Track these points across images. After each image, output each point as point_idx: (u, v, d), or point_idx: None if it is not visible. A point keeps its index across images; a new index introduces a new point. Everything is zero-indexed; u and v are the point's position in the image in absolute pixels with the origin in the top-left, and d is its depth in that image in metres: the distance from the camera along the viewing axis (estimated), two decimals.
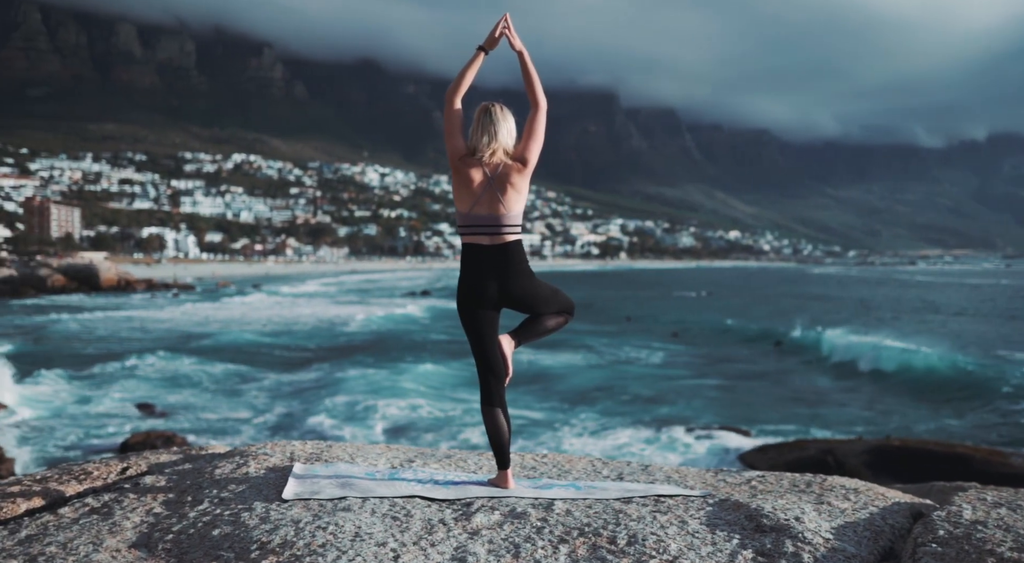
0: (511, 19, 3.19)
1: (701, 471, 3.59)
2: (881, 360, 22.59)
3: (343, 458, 3.57)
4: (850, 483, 3.36)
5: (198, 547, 2.54)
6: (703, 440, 14.40)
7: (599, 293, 70.28)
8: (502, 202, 3.10)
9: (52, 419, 15.74)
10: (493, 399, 3.15)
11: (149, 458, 3.80)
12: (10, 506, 3.02)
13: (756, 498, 3.01)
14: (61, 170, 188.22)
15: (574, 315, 3.33)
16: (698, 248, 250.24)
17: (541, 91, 3.21)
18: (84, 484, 3.33)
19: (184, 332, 31.66)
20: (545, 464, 3.68)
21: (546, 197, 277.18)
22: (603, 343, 29.56)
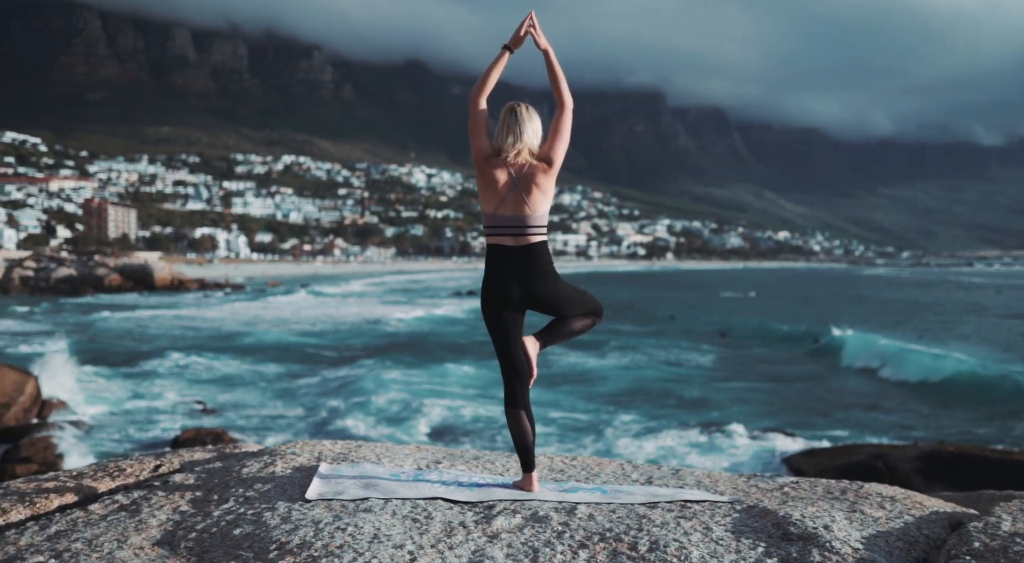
0: (536, 17, 3.16)
1: (734, 476, 3.53)
2: (928, 366, 21.99)
3: (370, 458, 3.57)
4: (887, 491, 3.27)
5: (219, 546, 2.56)
6: (749, 443, 14.16)
7: (644, 294, 69.82)
8: (527, 203, 3.07)
9: (107, 416, 16.14)
10: (517, 401, 3.13)
11: (183, 456, 3.83)
12: (43, 501, 3.07)
13: (786, 505, 2.95)
14: (118, 172, 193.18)
15: (602, 317, 3.29)
16: (746, 249, 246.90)
17: (567, 90, 3.17)
18: (117, 481, 3.38)
19: (233, 331, 32.24)
20: (574, 467, 3.64)
21: (592, 197, 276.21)
22: (648, 344, 29.35)
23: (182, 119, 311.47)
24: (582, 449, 13.82)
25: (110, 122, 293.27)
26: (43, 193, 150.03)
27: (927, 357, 22.83)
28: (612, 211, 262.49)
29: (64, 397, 16.76)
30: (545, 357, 24.99)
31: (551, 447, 13.95)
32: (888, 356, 23.74)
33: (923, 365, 22.04)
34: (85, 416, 15.91)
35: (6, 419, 14.47)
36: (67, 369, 20.58)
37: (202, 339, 29.14)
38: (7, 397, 14.97)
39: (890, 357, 23.62)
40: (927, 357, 22.83)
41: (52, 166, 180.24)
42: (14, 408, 14.79)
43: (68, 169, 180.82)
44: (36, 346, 26.67)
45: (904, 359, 22.85)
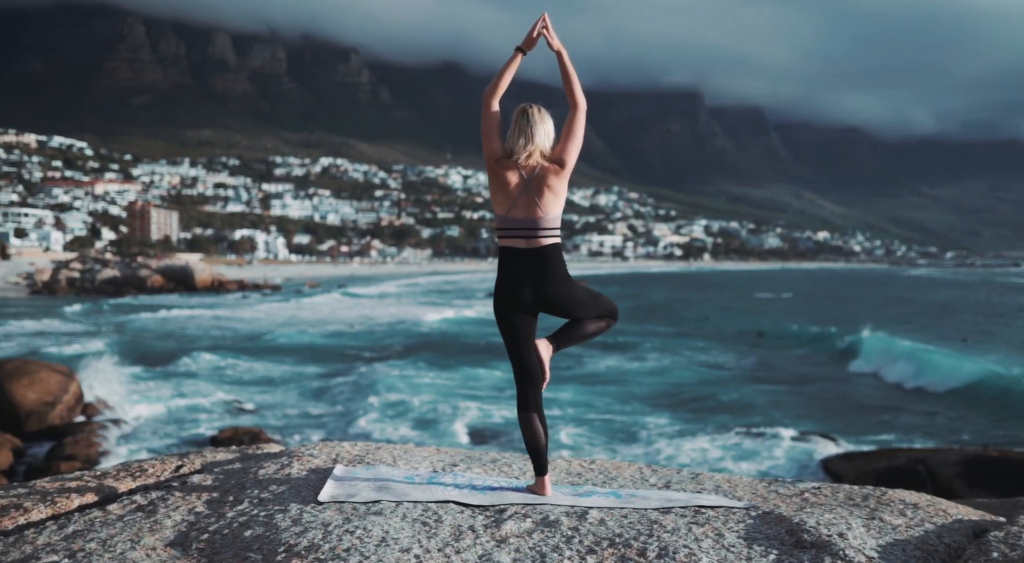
0: (549, 18, 3.15)
1: (754, 481, 3.49)
2: (967, 370, 21.50)
3: (386, 461, 3.58)
4: (911, 497, 3.21)
5: (230, 548, 2.57)
6: (786, 446, 13.95)
7: (680, 294, 69.34)
8: (539, 205, 3.05)
9: (148, 415, 16.45)
10: (529, 404, 3.11)
11: (206, 456, 3.86)
12: (64, 501, 3.11)
13: (803, 511, 2.90)
14: (161, 175, 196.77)
15: (617, 319, 3.26)
16: (785, 249, 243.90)
17: (580, 92, 3.15)
18: (138, 481, 3.42)
19: (270, 331, 32.66)
20: (592, 470, 3.62)
21: (628, 198, 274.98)
22: (684, 345, 29.18)
23: (222, 122, 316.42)
24: (613, 452, 13.78)
25: (153, 126, 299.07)
26: (89, 196, 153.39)
27: (965, 362, 22.37)
28: (648, 212, 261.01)
29: (106, 396, 17.08)
30: (581, 358, 24.96)
31: (581, 450, 13.93)
32: (924, 360, 23.30)
33: (961, 370, 21.59)
34: (127, 415, 16.23)
35: (51, 418, 14.79)
36: (110, 369, 21.03)
37: (240, 339, 29.58)
38: (52, 396, 15.30)
39: (926, 361, 23.19)
40: (965, 362, 22.37)
41: (97, 169, 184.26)
42: (58, 407, 15.12)
43: (113, 172, 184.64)
44: (80, 346, 27.30)
45: (940, 364, 22.41)
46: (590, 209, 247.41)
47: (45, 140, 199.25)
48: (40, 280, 65.66)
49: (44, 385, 15.25)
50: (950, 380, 20.89)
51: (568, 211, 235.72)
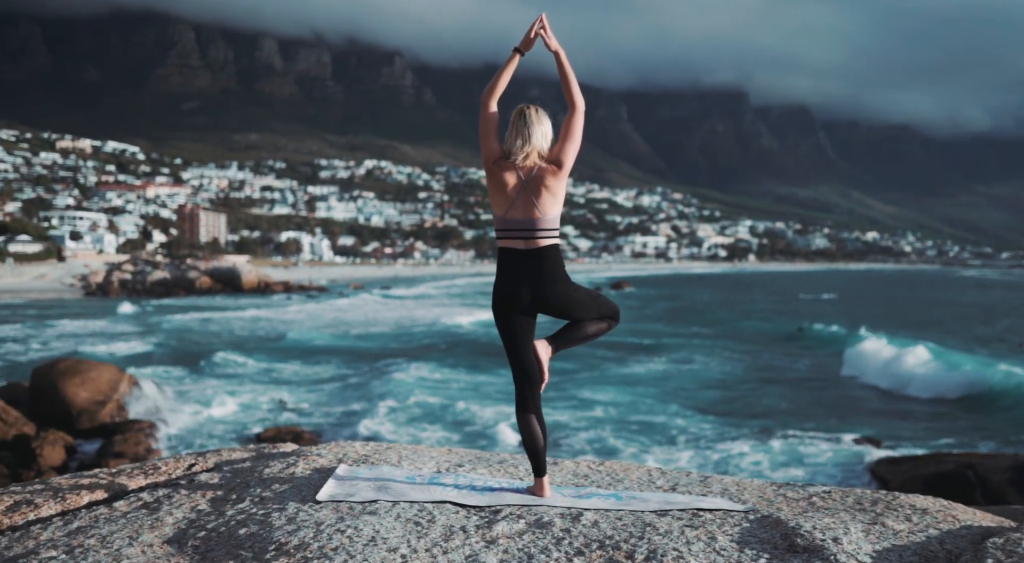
0: (547, 19, 3.15)
1: (764, 484, 3.46)
2: (1016, 378, 20.93)
3: (391, 461, 3.61)
4: (922, 502, 3.16)
5: (223, 545, 2.61)
6: (830, 451, 13.75)
7: (724, 296, 68.65)
8: (537, 206, 3.05)
9: (195, 414, 16.81)
10: (528, 405, 3.11)
11: (221, 455, 3.91)
12: (74, 497, 3.17)
13: (804, 515, 2.86)
14: (210, 178, 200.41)
15: (619, 321, 3.25)
16: (832, 250, 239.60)
17: (579, 92, 3.15)
18: (149, 479, 3.48)
19: (314, 332, 33.14)
20: (599, 472, 3.61)
21: (672, 199, 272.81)
22: (727, 347, 28.94)
23: (269, 126, 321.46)
24: (646, 454, 13.74)
25: (202, 130, 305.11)
26: (140, 199, 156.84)
27: (1017, 368, 21.79)
28: (692, 212, 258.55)
29: (155, 395, 17.53)
30: (624, 360, 24.92)
31: (616, 452, 13.93)
32: (970, 366, 22.76)
33: (1014, 377, 21.02)
34: (174, 414, 16.65)
35: (101, 416, 15.20)
36: (159, 368, 21.62)
37: (283, 340, 30.06)
38: (103, 395, 15.73)
39: (973, 368, 22.65)
40: (1017, 368, 21.79)
41: (149, 173, 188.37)
42: (109, 406, 15.54)
43: (163, 176, 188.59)
44: (130, 346, 28.04)
45: (986, 370, 21.86)
46: (633, 210, 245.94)
47: (99, 145, 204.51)
48: (94, 282, 67.44)
49: (95, 384, 15.69)
50: (998, 386, 20.41)
51: (611, 212, 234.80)
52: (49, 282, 67.06)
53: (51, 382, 15.22)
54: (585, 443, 14.42)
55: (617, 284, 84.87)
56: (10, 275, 68.81)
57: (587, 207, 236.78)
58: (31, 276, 69.93)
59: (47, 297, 56.30)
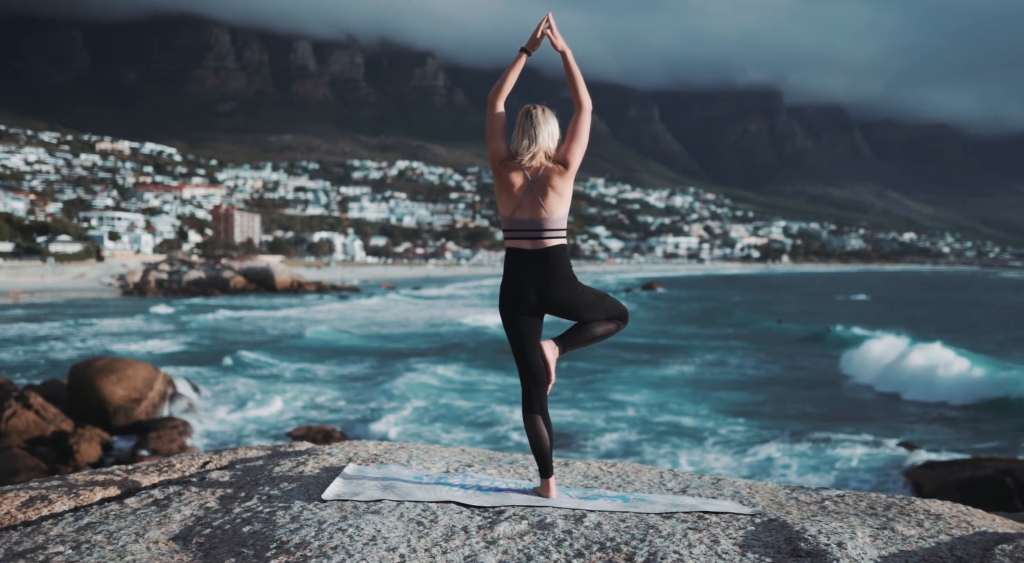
0: (553, 19, 3.13)
1: (777, 487, 3.43)
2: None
3: (400, 460, 3.62)
4: (936, 507, 3.10)
5: (227, 543, 2.63)
6: (863, 455, 13.54)
7: (753, 297, 68.04)
8: (543, 206, 3.04)
9: (228, 412, 17.06)
10: (534, 406, 3.10)
11: (237, 453, 3.93)
12: (88, 494, 3.22)
13: (811, 519, 2.82)
14: (244, 179, 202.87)
15: (627, 322, 3.23)
16: (867, 251, 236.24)
17: (585, 92, 3.13)
18: (163, 476, 3.52)
19: (344, 332, 33.45)
20: (610, 474, 3.60)
21: (704, 199, 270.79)
22: (762, 348, 28.74)
23: (303, 127, 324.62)
24: (673, 456, 13.70)
25: (237, 132, 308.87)
26: (177, 200, 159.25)
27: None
28: (725, 213, 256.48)
29: (189, 393, 17.83)
30: (658, 361, 24.85)
31: (642, 454, 13.90)
32: (1004, 370, 22.34)
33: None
34: (207, 412, 16.93)
35: (136, 413, 15.47)
36: (193, 367, 21.97)
37: (315, 339, 30.39)
38: (138, 392, 16.01)
39: (1008, 372, 22.23)
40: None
41: (185, 174, 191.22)
42: (144, 403, 15.81)
43: (199, 177, 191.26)
44: (166, 344, 28.54)
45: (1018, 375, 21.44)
46: (665, 210, 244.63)
47: (138, 147, 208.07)
48: (131, 281, 68.61)
49: (131, 382, 15.96)
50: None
51: (643, 212, 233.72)
52: (88, 282, 68.37)
53: (88, 380, 15.50)
54: (613, 444, 14.41)
55: (648, 285, 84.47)
56: (51, 274, 70.24)
57: (619, 207, 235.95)
58: (71, 276, 71.34)
59: (86, 296, 57.39)
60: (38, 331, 32.54)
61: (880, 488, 11.76)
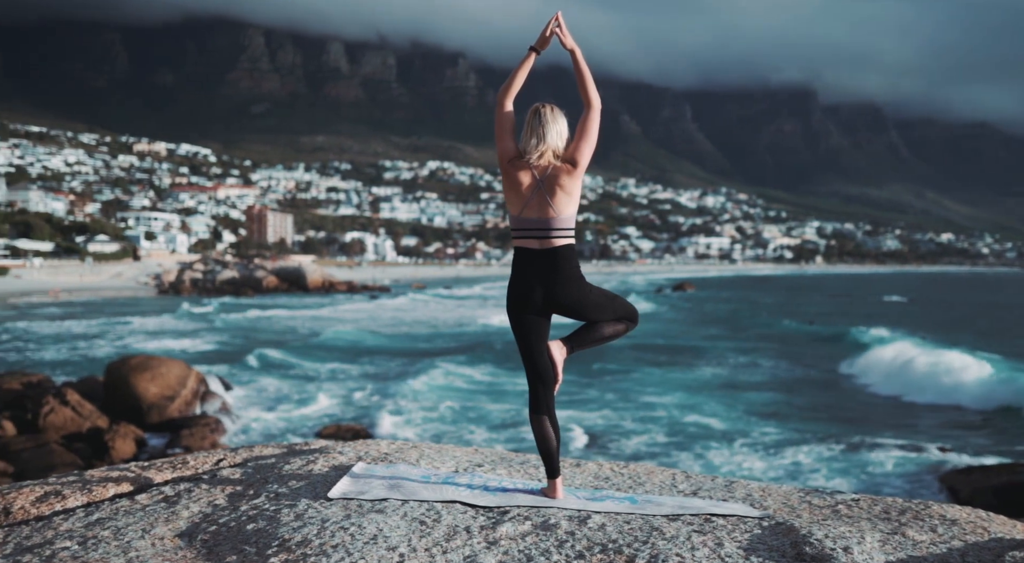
0: (562, 17, 3.14)
1: (791, 490, 3.39)
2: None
3: (411, 460, 3.62)
4: (952, 512, 3.04)
5: (230, 540, 2.63)
6: (897, 460, 13.29)
7: (784, 298, 67.36)
8: (551, 205, 3.02)
9: (260, 409, 17.18)
10: (540, 406, 3.08)
11: (252, 451, 3.95)
12: (100, 490, 3.25)
13: (820, 523, 2.78)
14: (277, 180, 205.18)
15: (637, 323, 3.19)
16: (904, 252, 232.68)
17: (595, 91, 3.12)
18: (176, 472, 3.55)
19: (373, 330, 33.66)
20: (621, 475, 3.57)
21: (737, 199, 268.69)
22: (794, 350, 28.45)
23: (335, 128, 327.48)
24: (700, 457, 13.62)
25: (271, 133, 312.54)
26: (211, 200, 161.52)
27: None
28: (758, 213, 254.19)
29: (221, 392, 18.03)
30: (692, 364, 24.71)
31: (667, 456, 13.84)
32: None
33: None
34: (239, 409, 17.14)
35: (170, 411, 15.66)
36: (225, 365, 22.27)
37: (345, 339, 30.62)
38: (172, 390, 16.23)
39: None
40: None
41: (220, 175, 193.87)
42: (177, 401, 16.02)
43: (233, 178, 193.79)
44: (199, 342, 28.96)
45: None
46: (697, 211, 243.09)
47: (174, 148, 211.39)
48: (167, 281, 69.72)
49: (165, 379, 16.17)
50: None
51: (675, 213, 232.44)
52: (125, 281, 69.58)
53: (123, 377, 15.72)
54: (640, 446, 14.36)
55: (679, 285, 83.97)
56: (89, 274, 71.59)
57: (650, 208, 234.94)
58: (108, 275, 72.65)
59: (123, 295, 58.41)
60: (76, 329, 33.19)
61: (913, 493, 11.60)
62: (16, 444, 12.94)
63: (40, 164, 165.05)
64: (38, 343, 28.28)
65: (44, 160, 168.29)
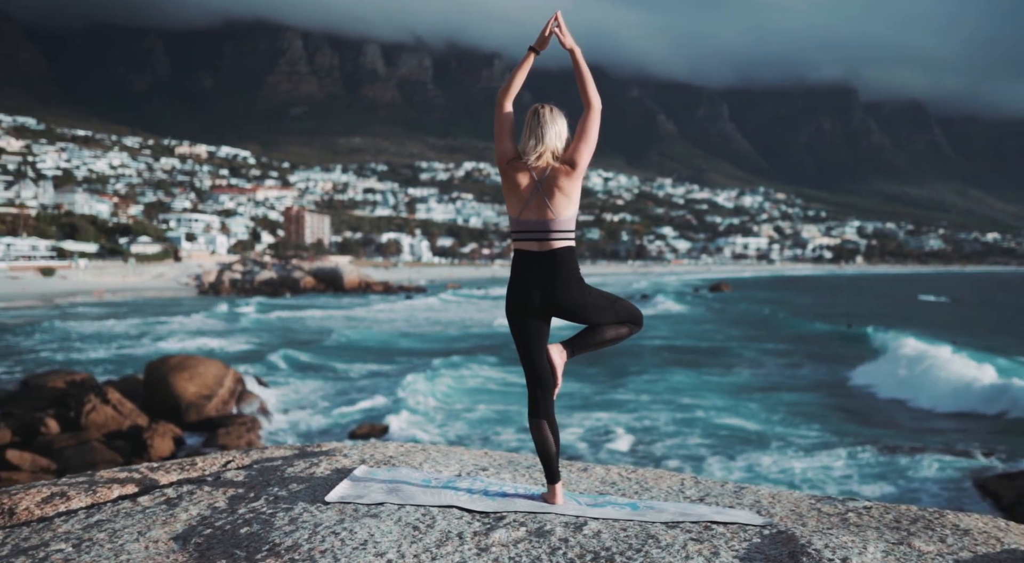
0: (562, 17, 3.09)
1: (802, 497, 3.32)
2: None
3: (414, 463, 3.60)
4: (967, 522, 2.95)
5: (223, 544, 2.63)
6: (936, 465, 13.03)
7: (826, 299, 66.45)
8: (550, 207, 2.98)
9: (297, 409, 17.34)
10: (539, 410, 3.04)
11: (264, 452, 3.95)
12: (105, 491, 3.26)
13: (824, 532, 2.71)
14: (315, 181, 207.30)
15: (641, 326, 3.14)
16: (948, 251, 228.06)
17: (594, 91, 3.06)
18: (183, 474, 3.56)
19: (405, 331, 33.91)
20: (628, 480, 3.52)
21: (775, 199, 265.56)
22: (833, 354, 28.09)
23: (372, 130, 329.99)
24: (732, 462, 13.52)
25: (308, 135, 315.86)
26: (250, 202, 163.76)
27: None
28: (796, 213, 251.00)
29: (259, 391, 18.26)
30: (732, 366, 24.54)
31: (698, 459, 13.78)
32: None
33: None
34: (275, 408, 17.38)
35: (207, 410, 15.91)
36: (263, 364, 22.61)
37: (380, 338, 30.90)
38: (209, 389, 16.50)
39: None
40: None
41: (259, 177, 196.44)
42: (215, 400, 16.27)
43: (272, 180, 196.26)
44: (236, 342, 29.41)
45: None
46: (734, 210, 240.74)
47: (214, 150, 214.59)
48: (207, 281, 70.87)
49: (203, 379, 16.44)
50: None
51: (711, 213, 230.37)
52: (166, 281, 70.85)
53: (162, 376, 16.02)
54: (670, 449, 14.30)
55: (715, 286, 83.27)
56: (132, 274, 73.04)
57: (686, 208, 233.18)
58: (150, 275, 74.04)
59: (164, 296, 59.52)
60: (118, 328, 33.90)
61: (950, 500, 11.41)
62: (59, 442, 13.26)
63: (86, 167, 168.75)
64: (82, 342, 28.95)
65: (90, 163, 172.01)
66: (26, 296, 52.74)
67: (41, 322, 36.07)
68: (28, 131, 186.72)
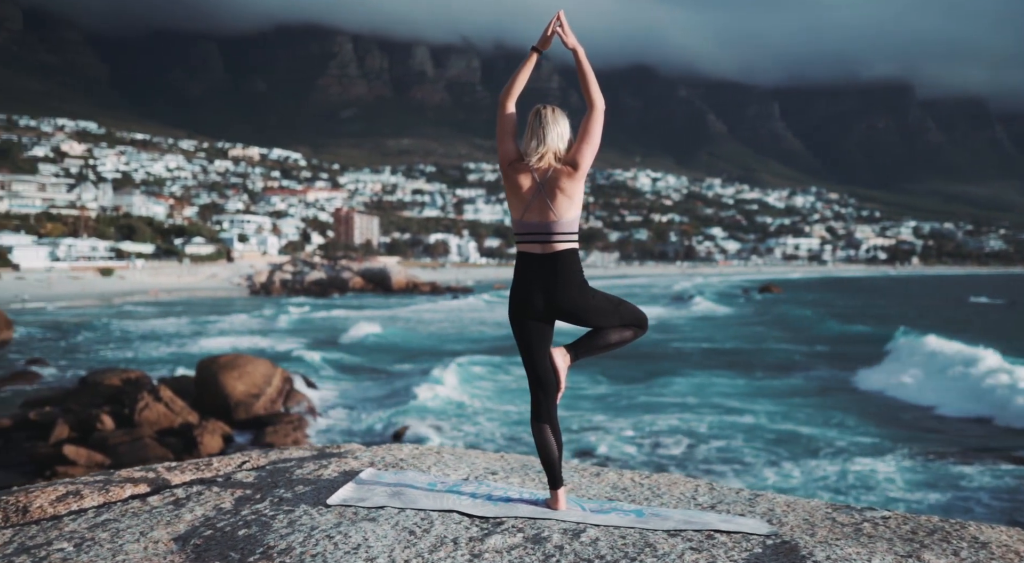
0: (564, 16, 3.08)
1: (818, 505, 3.25)
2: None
3: (422, 466, 3.59)
4: (988, 534, 2.86)
5: (221, 545, 2.63)
6: (991, 473, 12.65)
7: (882, 301, 65.03)
8: (552, 209, 2.95)
9: (344, 409, 17.45)
10: (541, 414, 3.01)
11: (283, 453, 3.97)
12: (117, 491, 3.29)
13: (830, 543, 2.65)
14: (364, 183, 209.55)
15: (646, 329, 3.09)
16: (1009, 252, 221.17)
17: (597, 91, 3.04)
18: (197, 474, 3.59)
19: (449, 332, 34.11)
20: (640, 486, 3.47)
21: (827, 199, 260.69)
22: (891, 358, 27.55)
23: (420, 131, 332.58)
24: (775, 466, 13.36)
25: (358, 137, 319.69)
26: (301, 203, 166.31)
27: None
28: (849, 213, 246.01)
29: (306, 390, 18.55)
30: (787, 369, 24.24)
31: (742, 464, 13.66)
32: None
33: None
34: (324, 408, 17.66)
35: (255, 408, 16.23)
36: (310, 364, 23.00)
37: (425, 339, 31.16)
38: (257, 388, 16.83)
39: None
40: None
41: (309, 179, 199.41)
42: (262, 398, 16.59)
43: (322, 181, 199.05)
44: (285, 342, 29.94)
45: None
46: (785, 211, 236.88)
47: (266, 152, 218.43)
48: (258, 281, 72.21)
49: (251, 378, 16.77)
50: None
51: (762, 213, 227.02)
52: (219, 281, 72.38)
53: (213, 375, 16.39)
54: (712, 452, 14.19)
55: (765, 287, 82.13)
56: (186, 274, 74.79)
57: (736, 208, 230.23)
58: (204, 276, 75.71)
59: (217, 295, 60.81)
60: (172, 327, 34.79)
61: (1005, 511, 11.14)
62: (114, 438, 13.66)
63: (143, 170, 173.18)
64: (139, 340, 29.79)
65: (147, 166, 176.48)
66: (86, 296, 54.40)
67: (100, 320, 37.19)
68: (90, 135, 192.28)
